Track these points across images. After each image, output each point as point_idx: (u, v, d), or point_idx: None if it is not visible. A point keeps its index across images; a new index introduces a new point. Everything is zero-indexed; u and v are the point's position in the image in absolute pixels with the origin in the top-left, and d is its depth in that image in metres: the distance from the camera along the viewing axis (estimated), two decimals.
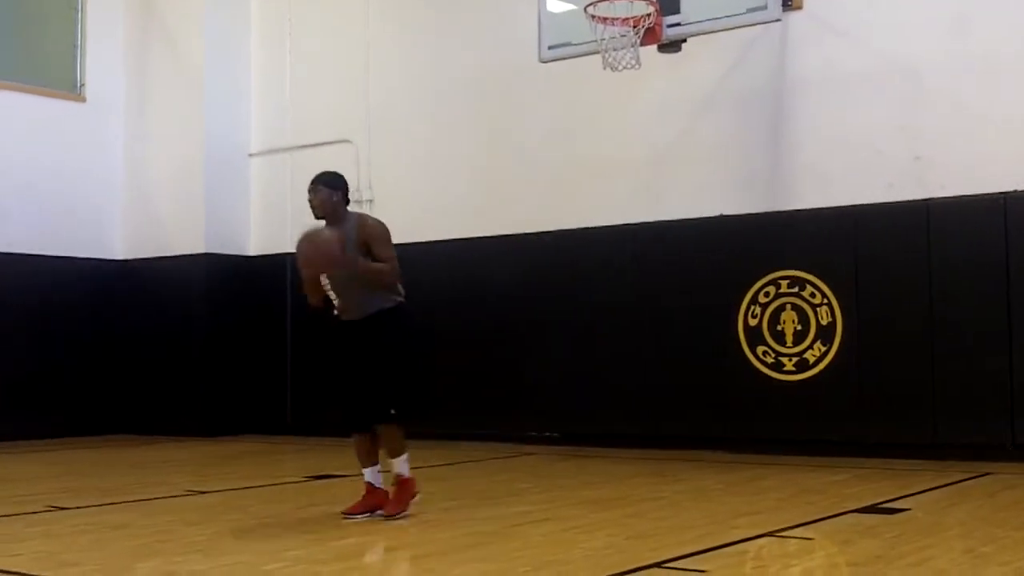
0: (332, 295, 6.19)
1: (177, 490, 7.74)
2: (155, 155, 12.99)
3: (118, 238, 13.11)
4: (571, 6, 9.59)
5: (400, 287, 6.29)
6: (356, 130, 12.11)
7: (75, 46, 13.05)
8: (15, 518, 6.55)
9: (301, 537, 5.67)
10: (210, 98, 12.70)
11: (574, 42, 9.30)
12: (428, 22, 11.86)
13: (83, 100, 12.99)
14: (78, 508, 6.83)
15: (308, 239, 6.03)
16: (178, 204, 12.75)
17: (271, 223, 12.68)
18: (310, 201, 6.30)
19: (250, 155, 12.95)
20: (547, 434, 10.59)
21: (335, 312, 6.28)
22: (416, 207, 11.41)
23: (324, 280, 6.17)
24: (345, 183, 6.39)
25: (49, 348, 12.28)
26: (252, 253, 12.83)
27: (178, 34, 12.93)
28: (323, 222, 6.27)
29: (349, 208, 6.34)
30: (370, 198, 11.85)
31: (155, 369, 12.68)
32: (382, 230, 6.27)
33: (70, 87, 13.01)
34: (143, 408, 12.73)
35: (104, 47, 13.16)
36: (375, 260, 6.14)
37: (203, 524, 6.15)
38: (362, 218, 6.39)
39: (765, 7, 8.63)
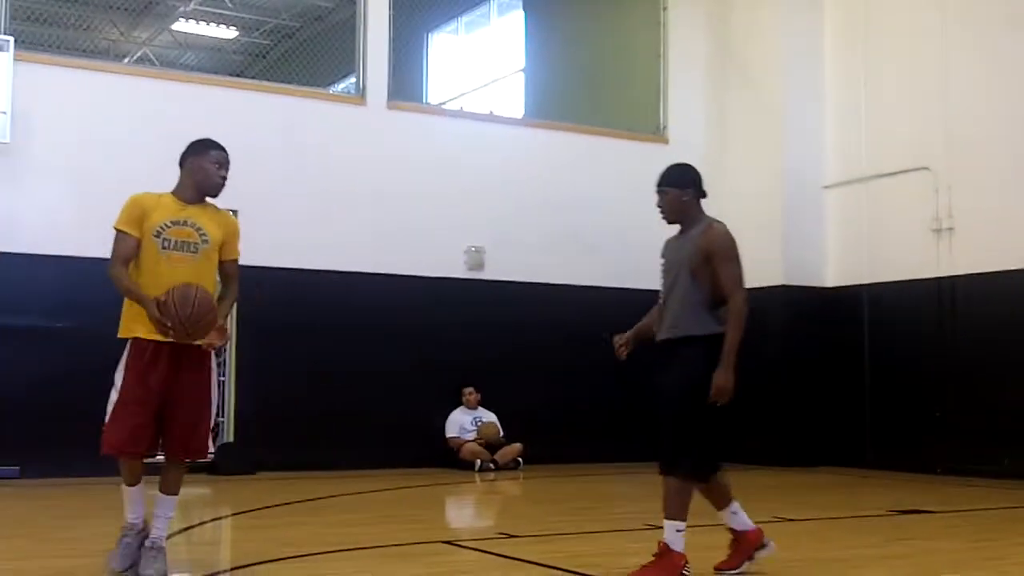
0: None
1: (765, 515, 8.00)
2: (733, 191, 13.52)
3: None
4: None
5: (735, 313, 5.28)
6: (933, 157, 11.87)
7: (659, 91, 13.99)
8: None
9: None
10: (788, 133, 13.05)
11: None
12: (1006, 45, 11.36)
13: (666, 142, 13.86)
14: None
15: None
16: (757, 238, 13.16)
17: (848, 254, 12.74)
18: (658, 206, 5.56)
19: (824, 187, 13.11)
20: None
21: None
22: (999, 233, 10.95)
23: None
24: (696, 177, 5.57)
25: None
26: (830, 285, 12.95)
27: (757, 74, 13.41)
28: None
29: (704, 207, 5.53)
30: (950, 226, 11.54)
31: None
32: (727, 243, 5.37)
33: (654, 130, 13.94)
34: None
35: (685, 91, 13.98)
36: (715, 273, 5.28)
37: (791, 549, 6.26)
38: (711, 226, 5.46)
39: None
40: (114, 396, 5.14)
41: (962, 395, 11.38)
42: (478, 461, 11.80)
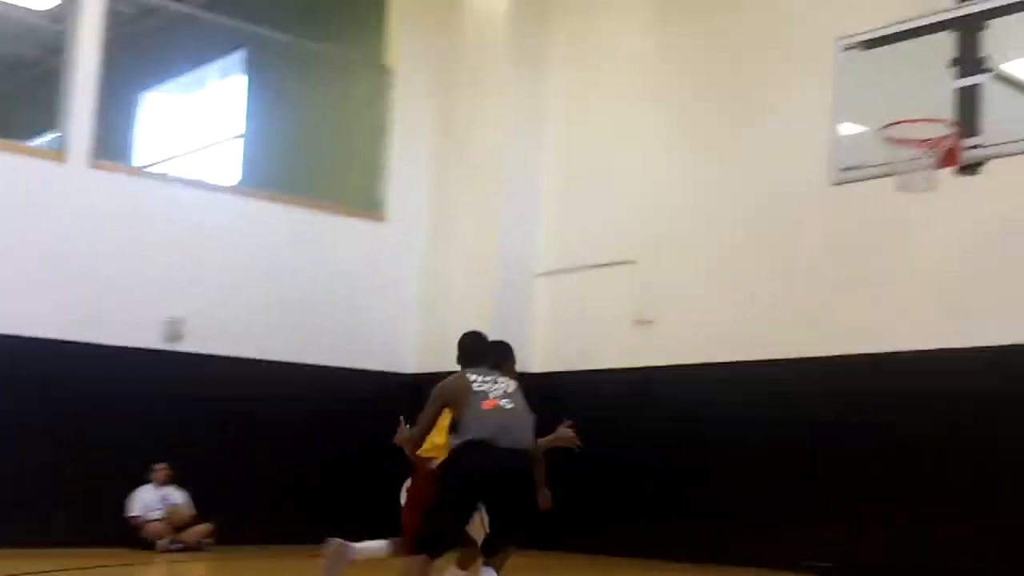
0: None
1: None
2: (450, 272, 13.55)
3: (411, 352, 13.68)
4: (864, 128, 9.39)
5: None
6: (638, 250, 12.26)
7: (380, 168, 13.89)
8: None
9: None
10: (506, 219, 13.25)
11: (867, 164, 9.06)
12: (717, 144, 11.94)
13: (385, 219, 13.76)
14: None
15: None
16: (468, 320, 13.18)
17: (555, 342, 12.94)
18: None
19: (538, 274, 13.32)
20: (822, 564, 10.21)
21: None
22: (697, 329, 11.38)
23: None
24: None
25: (337, 456, 12.84)
26: (536, 371, 13.08)
27: (479, 158, 13.51)
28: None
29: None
30: (651, 318, 11.93)
31: None
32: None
33: (373, 207, 13.81)
34: None
35: (408, 170, 13.95)
36: None
37: None
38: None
39: None
40: None
41: (661, 480, 11.70)
42: (162, 540, 11.18)
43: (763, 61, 11.56)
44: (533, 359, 13.10)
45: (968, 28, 8.60)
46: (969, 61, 8.55)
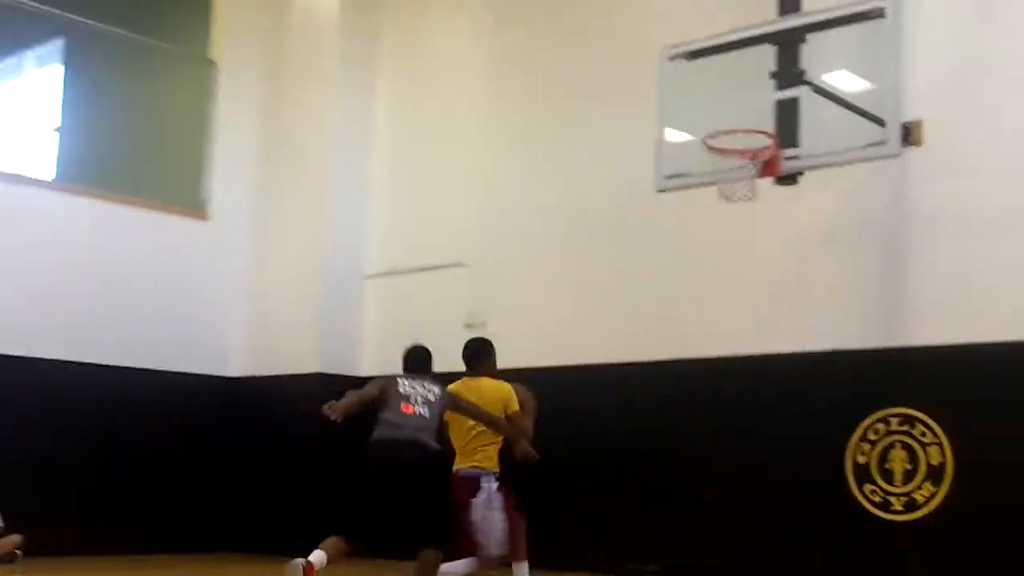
0: None
1: None
2: (275, 272, 13.32)
3: (236, 354, 13.40)
4: (689, 136, 9.63)
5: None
6: (471, 253, 12.29)
7: (204, 164, 13.56)
8: None
9: None
10: (333, 219, 13.07)
11: (691, 172, 9.30)
12: (548, 149, 12.03)
13: (208, 218, 13.45)
14: None
15: None
16: (296, 323, 13.01)
17: (386, 345, 12.83)
18: None
19: (367, 276, 13.21)
20: (648, 567, 10.39)
21: None
22: (528, 333, 11.46)
23: None
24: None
25: (163, 462, 12.50)
26: (364, 374, 12.98)
27: (305, 156, 13.31)
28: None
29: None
30: (482, 322, 11.96)
31: (267, 487, 12.81)
32: None
33: (196, 204, 13.47)
34: (254, 526, 12.79)
35: (232, 167, 13.65)
36: None
37: None
38: None
39: (884, 142, 8.55)
40: None
41: None
42: None
43: (594, 67, 11.69)
44: (363, 361, 13.01)
45: (788, 41, 8.92)
46: (788, 74, 8.88)
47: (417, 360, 8.07)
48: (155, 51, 13.94)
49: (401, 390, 7.59)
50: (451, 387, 8.08)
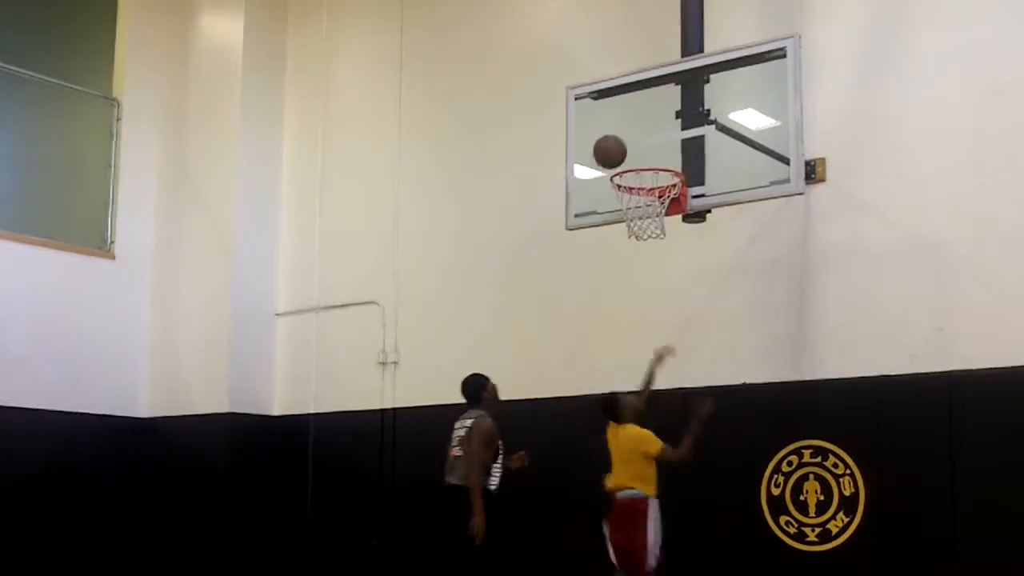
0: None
1: None
2: (181, 313, 13.13)
3: (142, 395, 13.16)
4: (598, 174, 9.68)
5: None
6: (382, 291, 12.23)
7: (107, 203, 13.33)
8: None
9: None
10: (239, 258, 12.90)
11: (600, 210, 9.33)
12: (458, 187, 12.06)
13: (113, 257, 13.22)
14: None
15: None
16: (204, 362, 12.82)
17: (297, 383, 12.73)
18: None
19: (276, 314, 13.07)
20: None
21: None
22: (441, 370, 11.42)
23: None
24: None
25: (69, 504, 12.22)
26: (276, 413, 12.84)
27: (210, 195, 13.19)
28: None
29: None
30: (395, 360, 11.91)
31: (175, 527, 12.57)
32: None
33: (100, 244, 13.24)
34: (163, 566, 12.57)
35: (136, 206, 13.44)
36: None
37: None
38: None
39: (788, 180, 8.69)
40: None
41: (399, 522, 11.67)
42: None
43: (503, 104, 11.75)
44: (274, 401, 12.88)
45: (691, 81, 9.05)
46: (693, 113, 9.00)
47: (464, 393, 9.10)
48: (58, 90, 13.69)
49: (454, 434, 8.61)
50: None
